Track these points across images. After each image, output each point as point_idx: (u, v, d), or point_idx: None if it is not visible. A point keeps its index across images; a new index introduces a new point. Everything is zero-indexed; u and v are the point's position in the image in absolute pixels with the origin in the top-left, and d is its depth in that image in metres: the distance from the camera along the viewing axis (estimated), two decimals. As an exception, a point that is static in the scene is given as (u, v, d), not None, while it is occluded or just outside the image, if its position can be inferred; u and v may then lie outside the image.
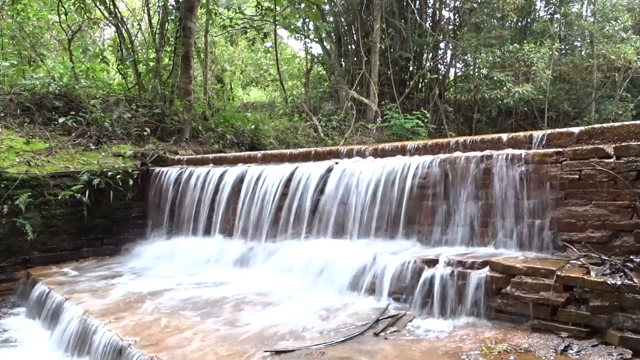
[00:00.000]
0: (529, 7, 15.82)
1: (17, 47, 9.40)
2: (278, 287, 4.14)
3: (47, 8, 10.58)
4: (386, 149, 4.79)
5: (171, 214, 6.27)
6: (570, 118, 15.36)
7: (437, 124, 14.01)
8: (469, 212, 3.80)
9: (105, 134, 7.32)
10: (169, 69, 9.19)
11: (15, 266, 5.57)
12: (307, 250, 4.49)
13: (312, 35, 14.44)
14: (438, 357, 2.71)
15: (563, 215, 3.33)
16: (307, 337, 3.07)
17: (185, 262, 5.30)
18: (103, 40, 15.12)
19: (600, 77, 15.50)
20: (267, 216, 5.10)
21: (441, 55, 15.66)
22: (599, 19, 15.37)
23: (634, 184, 3.01)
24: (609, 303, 2.66)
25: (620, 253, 3.02)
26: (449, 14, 15.70)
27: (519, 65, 13.59)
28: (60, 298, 4.32)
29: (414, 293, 3.44)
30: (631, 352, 2.52)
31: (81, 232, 6.07)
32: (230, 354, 2.86)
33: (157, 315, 3.65)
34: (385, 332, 3.10)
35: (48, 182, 5.81)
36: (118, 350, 3.18)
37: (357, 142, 11.48)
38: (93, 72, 8.78)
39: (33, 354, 3.93)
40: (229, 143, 8.98)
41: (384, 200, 4.29)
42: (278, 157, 5.81)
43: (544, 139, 3.66)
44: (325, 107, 13.15)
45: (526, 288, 2.97)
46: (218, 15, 11.71)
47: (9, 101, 7.27)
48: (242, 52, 17.03)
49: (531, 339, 2.80)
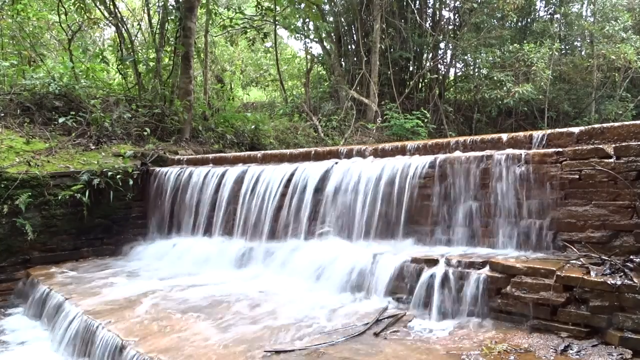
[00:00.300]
0: (529, 7, 15.82)
1: (17, 47, 9.40)
2: (278, 287, 4.15)
3: (47, 8, 10.58)
4: (386, 149, 4.79)
5: (171, 214, 6.28)
6: (570, 118, 15.36)
7: (437, 124, 14.01)
8: (469, 212, 3.81)
9: (105, 134, 7.32)
10: (169, 69, 9.19)
11: (15, 266, 5.57)
12: (307, 251, 4.49)
13: (312, 35, 14.44)
14: (438, 357, 2.71)
15: (563, 215, 3.33)
16: (307, 337, 3.07)
17: (186, 262, 5.30)
18: (103, 40, 15.12)
19: (600, 77, 15.50)
20: (267, 216, 5.10)
21: (441, 55, 15.68)
22: (599, 19, 15.37)
23: (634, 184, 3.01)
24: (609, 303, 2.67)
25: (620, 253, 3.02)
26: (449, 14, 15.74)
27: (519, 65, 13.60)
28: (60, 298, 4.32)
29: (414, 293, 3.44)
30: (631, 352, 2.52)
31: (81, 232, 6.07)
32: (230, 354, 2.87)
33: (157, 315, 3.65)
34: (385, 332, 3.10)
35: (48, 182, 5.81)
36: (118, 350, 3.18)
37: (357, 142, 11.48)
38: (93, 72, 8.78)
39: (33, 354, 3.93)
40: (229, 143, 8.99)
41: (384, 201, 4.29)
42: (278, 157, 5.81)
43: (544, 139, 3.66)
44: (325, 107, 13.16)
45: (526, 288, 2.97)
46: (218, 15, 11.72)
47: (9, 101, 7.28)
48: (242, 52, 17.03)
49: (531, 339, 2.80)
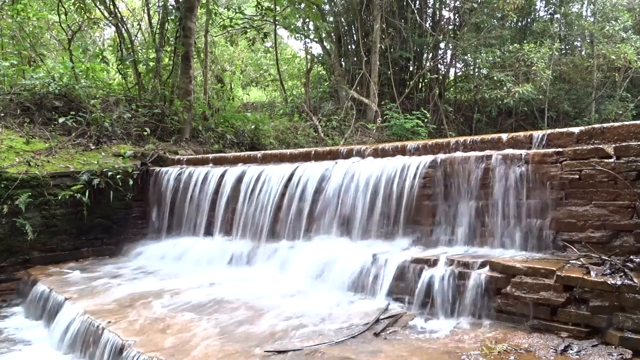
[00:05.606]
0: (529, 7, 15.81)
1: (17, 47, 9.38)
2: (278, 287, 4.15)
3: (47, 8, 10.56)
4: (386, 149, 4.79)
5: (171, 214, 6.27)
6: (570, 118, 15.35)
7: (437, 124, 14.01)
8: (469, 212, 3.80)
9: (105, 134, 7.32)
10: (169, 69, 9.19)
11: (15, 266, 5.57)
12: (307, 250, 4.49)
13: (312, 35, 14.43)
14: (438, 357, 2.70)
15: (563, 215, 3.33)
16: (307, 336, 3.07)
17: (185, 262, 5.30)
18: (103, 40, 15.11)
19: (600, 77, 15.50)
20: (267, 216, 5.10)
21: (441, 55, 15.67)
22: (599, 19, 15.37)
23: (634, 184, 3.01)
24: (609, 303, 2.67)
25: (620, 253, 3.01)
26: (449, 14, 15.72)
27: (519, 65, 13.59)
28: (60, 298, 4.32)
29: (414, 293, 3.44)
30: (631, 352, 2.52)
31: (81, 232, 6.07)
32: (231, 354, 2.86)
33: (157, 315, 3.65)
34: (385, 332, 3.10)
35: (48, 182, 5.81)
36: (118, 349, 3.18)
37: (357, 142, 11.47)
38: (93, 72, 8.77)
39: (33, 354, 3.93)
40: (229, 143, 8.99)
41: (384, 200, 4.29)
42: (278, 157, 5.81)
43: (544, 139, 3.65)
44: (325, 107, 13.15)
45: (526, 288, 2.97)
46: (218, 15, 11.71)
47: (9, 101, 7.28)
48: (242, 52, 17.02)
49: (531, 339, 2.80)
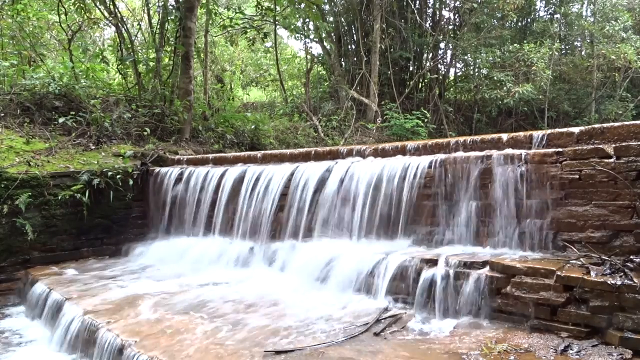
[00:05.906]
0: (529, 7, 15.81)
1: (17, 47, 9.38)
2: (278, 287, 4.15)
3: (47, 8, 10.57)
4: (386, 149, 4.79)
5: (171, 214, 6.27)
6: (570, 118, 15.36)
7: (437, 124, 14.01)
8: (469, 212, 3.80)
9: (105, 134, 7.32)
10: (169, 69, 9.19)
11: (15, 266, 5.57)
12: (307, 250, 4.49)
13: (312, 35, 14.43)
14: (438, 357, 2.71)
15: (563, 215, 3.33)
16: (307, 337, 3.07)
17: (185, 263, 5.30)
18: (103, 40, 15.11)
19: (600, 77, 15.50)
20: (267, 216, 5.10)
21: (441, 55, 15.67)
22: (599, 19, 15.37)
23: (634, 184, 3.01)
24: (609, 303, 2.67)
25: (620, 253, 3.01)
26: (449, 14, 15.72)
27: (519, 65, 13.59)
28: (60, 298, 4.32)
29: (414, 293, 3.44)
30: (631, 352, 2.52)
31: (81, 232, 6.07)
32: (231, 354, 2.86)
33: (157, 315, 3.65)
34: (385, 332, 3.10)
35: (48, 182, 5.81)
36: (118, 350, 3.18)
37: (357, 142, 11.48)
38: (93, 72, 8.77)
39: (33, 354, 3.93)
40: (229, 143, 8.99)
41: (384, 201, 4.29)
42: (278, 157, 5.81)
43: (544, 139, 3.65)
44: (325, 107, 13.15)
45: (526, 288, 2.97)
46: (218, 15, 11.71)
47: (9, 101, 7.27)
48: (242, 52, 17.02)
49: (531, 339, 2.80)
